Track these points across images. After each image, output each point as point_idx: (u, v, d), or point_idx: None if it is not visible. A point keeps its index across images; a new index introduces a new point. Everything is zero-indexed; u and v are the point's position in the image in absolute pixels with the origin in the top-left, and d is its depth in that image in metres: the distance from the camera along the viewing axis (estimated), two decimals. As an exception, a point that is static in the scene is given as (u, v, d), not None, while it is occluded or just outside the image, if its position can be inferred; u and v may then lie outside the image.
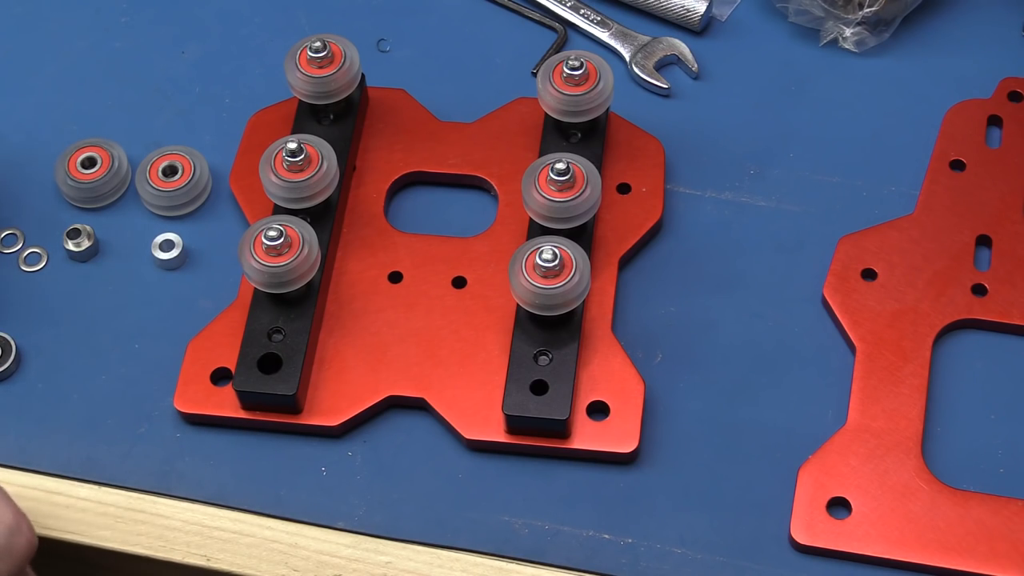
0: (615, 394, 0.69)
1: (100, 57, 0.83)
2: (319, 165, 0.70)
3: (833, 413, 0.69)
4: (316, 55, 0.73)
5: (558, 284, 0.67)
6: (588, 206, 0.70)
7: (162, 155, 0.77)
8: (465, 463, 0.69)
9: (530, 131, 0.77)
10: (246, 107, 0.79)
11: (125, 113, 0.80)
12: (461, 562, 0.67)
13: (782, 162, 0.77)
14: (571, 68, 0.72)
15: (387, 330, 0.71)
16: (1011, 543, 0.65)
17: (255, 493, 0.68)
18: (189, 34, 0.83)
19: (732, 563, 0.66)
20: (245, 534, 0.68)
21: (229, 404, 0.69)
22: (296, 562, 0.67)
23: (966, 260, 0.72)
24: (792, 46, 0.81)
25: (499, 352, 0.70)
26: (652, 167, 0.75)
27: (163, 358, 0.72)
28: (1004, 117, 0.77)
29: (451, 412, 0.69)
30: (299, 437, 0.70)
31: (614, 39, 0.82)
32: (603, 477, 0.68)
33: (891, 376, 0.69)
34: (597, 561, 0.66)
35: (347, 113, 0.76)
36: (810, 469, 0.67)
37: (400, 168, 0.77)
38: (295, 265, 0.68)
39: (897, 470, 0.67)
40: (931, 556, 0.65)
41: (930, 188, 0.75)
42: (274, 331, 0.70)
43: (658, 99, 0.80)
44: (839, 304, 0.71)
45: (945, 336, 0.71)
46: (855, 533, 0.65)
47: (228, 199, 0.77)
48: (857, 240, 0.73)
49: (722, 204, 0.76)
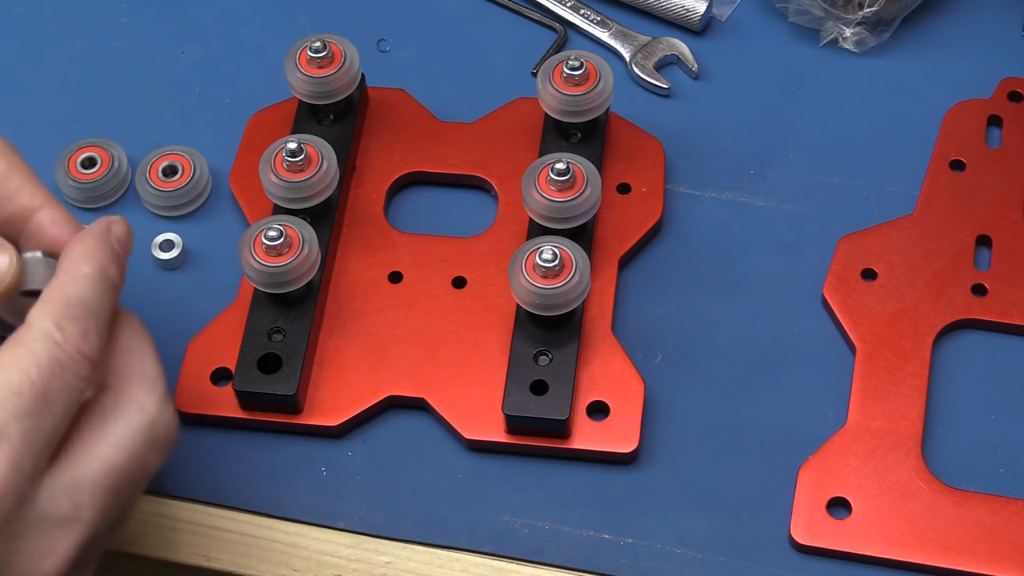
0: (615, 394, 0.69)
1: (100, 57, 0.83)
2: (319, 165, 0.70)
3: (833, 413, 0.69)
4: (316, 55, 0.73)
5: (558, 284, 0.67)
6: (588, 206, 0.70)
7: (162, 155, 0.77)
8: (465, 463, 0.69)
9: (530, 131, 0.77)
10: (246, 107, 0.79)
11: (125, 113, 0.80)
12: (461, 562, 0.67)
13: (782, 162, 0.77)
14: (571, 68, 0.72)
15: (387, 330, 0.71)
16: (1011, 543, 0.65)
17: (255, 493, 0.68)
18: (189, 34, 0.83)
19: (732, 563, 0.66)
20: (245, 534, 0.68)
21: (229, 404, 0.70)
22: (296, 562, 0.67)
23: (966, 260, 0.72)
24: (792, 46, 0.81)
25: (499, 352, 0.70)
26: (652, 167, 0.76)
27: (163, 358, 0.71)
28: (1004, 117, 0.77)
29: (451, 412, 0.69)
30: (299, 437, 0.70)
31: (614, 39, 0.82)
32: (603, 477, 0.68)
33: (891, 376, 0.69)
34: (597, 561, 0.66)
35: (347, 113, 0.76)
36: (810, 469, 0.67)
37: (400, 168, 0.77)
38: (295, 265, 0.68)
39: (897, 470, 0.67)
40: (931, 556, 0.65)
41: (930, 188, 0.75)
42: (274, 331, 0.70)
43: (658, 99, 0.80)
44: (839, 304, 0.71)
45: (945, 336, 0.71)
46: (855, 533, 0.65)
47: (228, 199, 0.77)
48: (857, 240, 0.73)
49: (722, 204, 0.76)
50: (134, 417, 0.53)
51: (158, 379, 0.55)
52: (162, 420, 0.54)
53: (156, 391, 0.54)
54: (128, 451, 0.53)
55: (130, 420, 0.53)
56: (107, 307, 0.55)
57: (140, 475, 0.54)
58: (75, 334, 0.53)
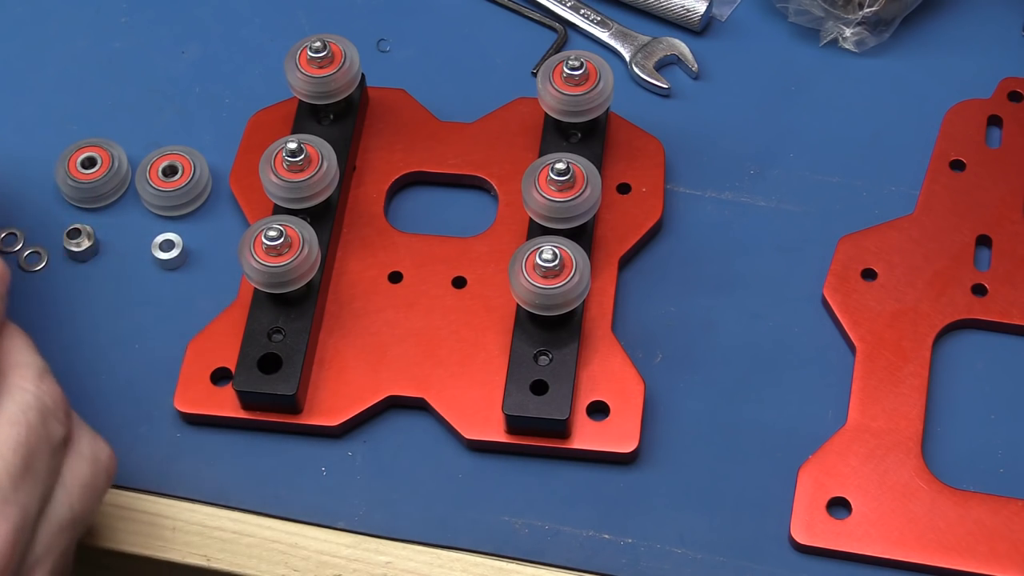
0: (615, 394, 0.69)
1: (100, 57, 0.83)
2: (319, 165, 0.70)
3: (833, 413, 0.69)
4: (316, 55, 0.73)
5: (558, 284, 0.67)
6: (588, 206, 0.70)
7: (162, 155, 0.77)
8: (465, 463, 0.69)
9: (530, 131, 0.77)
10: (246, 107, 0.79)
11: (125, 113, 0.80)
12: (461, 562, 0.67)
13: (782, 162, 0.77)
14: (571, 68, 0.72)
15: (387, 330, 0.71)
16: (1011, 543, 0.65)
17: (255, 493, 0.68)
18: (189, 34, 0.83)
19: (732, 563, 0.66)
20: (245, 534, 0.68)
21: (229, 404, 0.70)
22: (296, 562, 0.67)
23: (966, 260, 0.72)
24: (792, 46, 0.81)
25: (499, 352, 0.70)
26: (652, 167, 0.76)
27: (163, 358, 0.72)
28: (1004, 117, 0.77)
29: (451, 412, 0.69)
30: (299, 437, 0.70)
31: (614, 39, 0.82)
32: (603, 477, 0.68)
33: (891, 376, 0.69)
34: (597, 561, 0.66)
35: (347, 113, 0.76)
36: (810, 469, 0.67)
37: (400, 168, 0.77)
38: (295, 265, 0.68)
39: (897, 470, 0.67)
40: (931, 556, 0.65)
41: (930, 188, 0.75)
42: (274, 331, 0.70)
43: (658, 99, 0.80)
44: (839, 304, 0.71)
45: (945, 336, 0.71)
46: (855, 533, 0.65)
47: (228, 199, 0.77)
48: (857, 240, 0.73)
49: (722, 204, 0.76)
50: (18, 395, 0.58)
51: (32, 365, 0.60)
52: (45, 392, 0.59)
53: (31, 372, 0.59)
54: (24, 424, 0.57)
55: (16, 397, 0.58)
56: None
57: (46, 445, 0.58)
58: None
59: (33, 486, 0.57)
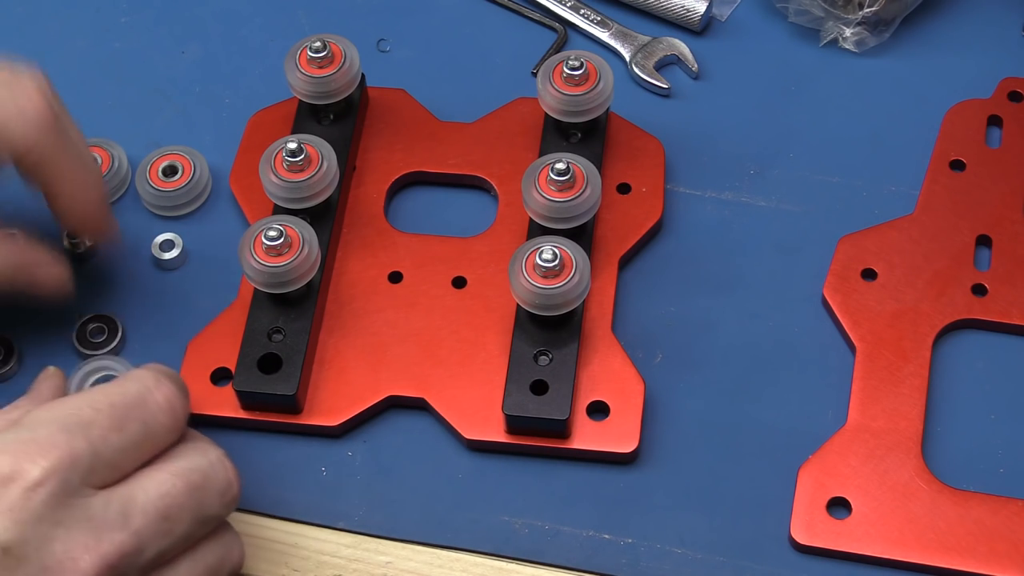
0: (615, 394, 0.69)
1: (100, 57, 0.83)
2: (319, 165, 0.70)
3: (833, 413, 0.69)
4: (316, 55, 0.73)
5: (558, 284, 0.67)
6: (588, 206, 0.70)
7: (162, 155, 0.77)
8: (465, 463, 0.69)
9: (530, 131, 0.77)
10: (246, 107, 0.79)
11: (125, 113, 0.80)
12: (461, 562, 0.67)
13: (782, 162, 0.77)
14: (571, 68, 0.72)
15: (387, 330, 0.71)
16: (1011, 543, 0.65)
17: (255, 493, 0.68)
18: (189, 34, 0.83)
19: (732, 563, 0.66)
20: (245, 534, 0.68)
21: (229, 404, 0.70)
22: (296, 562, 0.67)
23: (966, 260, 0.72)
24: (792, 46, 0.81)
25: (499, 352, 0.70)
26: (652, 167, 0.76)
27: (163, 358, 0.71)
28: (1004, 117, 0.77)
29: (451, 412, 0.69)
30: (299, 437, 0.70)
31: (614, 39, 0.82)
32: (603, 477, 0.68)
33: (891, 376, 0.69)
34: (597, 561, 0.66)
35: (347, 113, 0.76)
36: (810, 469, 0.67)
37: (400, 168, 0.77)
38: (295, 265, 0.68)
39: (897, 470, 0.67)
40: (931, 556, 0.65)
41: (930, 188, 0.75)
42: (274, 331, 0.70)
43: (658, 99, 0.80)
44: (839, 304, 0.71)
45: (945, 336, 0.71)
46: (855, 533, 0.65)
47: (228, 199, 0.77)
48: (857, 240, 0.73)
49: (722, 204, 0.76)
50: (196, 457, 0.60)
51: (217, 447, 0.62)
52: (220, 467, 0.60)
53: (216, 448, 0.61)
54: (184, 482, 0.59)
55: (192, 458, 0.60)
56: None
57: (193, 508, 0.59)
58: (169, 389, 0.60)
59: (163, 538, 0.57)
